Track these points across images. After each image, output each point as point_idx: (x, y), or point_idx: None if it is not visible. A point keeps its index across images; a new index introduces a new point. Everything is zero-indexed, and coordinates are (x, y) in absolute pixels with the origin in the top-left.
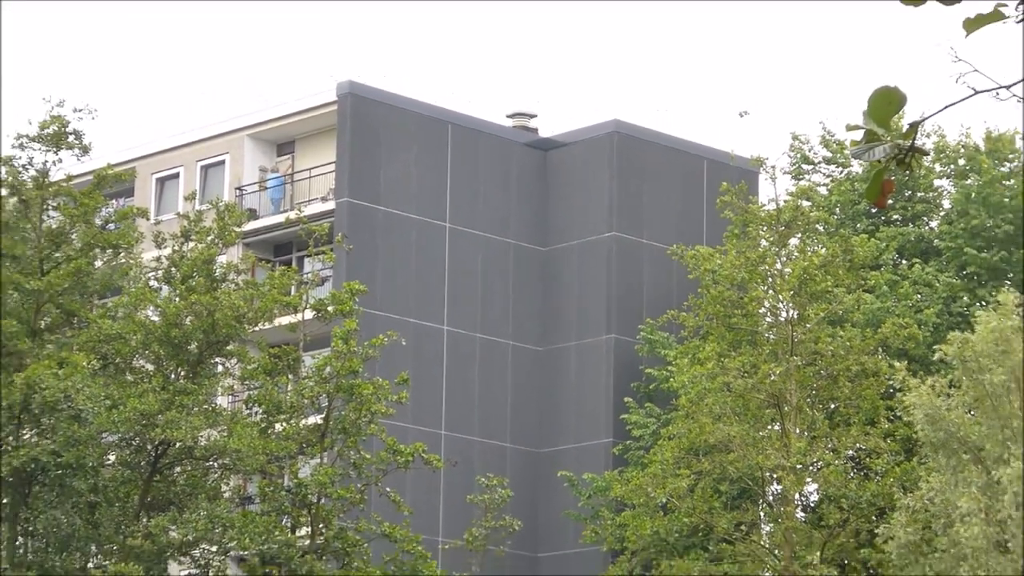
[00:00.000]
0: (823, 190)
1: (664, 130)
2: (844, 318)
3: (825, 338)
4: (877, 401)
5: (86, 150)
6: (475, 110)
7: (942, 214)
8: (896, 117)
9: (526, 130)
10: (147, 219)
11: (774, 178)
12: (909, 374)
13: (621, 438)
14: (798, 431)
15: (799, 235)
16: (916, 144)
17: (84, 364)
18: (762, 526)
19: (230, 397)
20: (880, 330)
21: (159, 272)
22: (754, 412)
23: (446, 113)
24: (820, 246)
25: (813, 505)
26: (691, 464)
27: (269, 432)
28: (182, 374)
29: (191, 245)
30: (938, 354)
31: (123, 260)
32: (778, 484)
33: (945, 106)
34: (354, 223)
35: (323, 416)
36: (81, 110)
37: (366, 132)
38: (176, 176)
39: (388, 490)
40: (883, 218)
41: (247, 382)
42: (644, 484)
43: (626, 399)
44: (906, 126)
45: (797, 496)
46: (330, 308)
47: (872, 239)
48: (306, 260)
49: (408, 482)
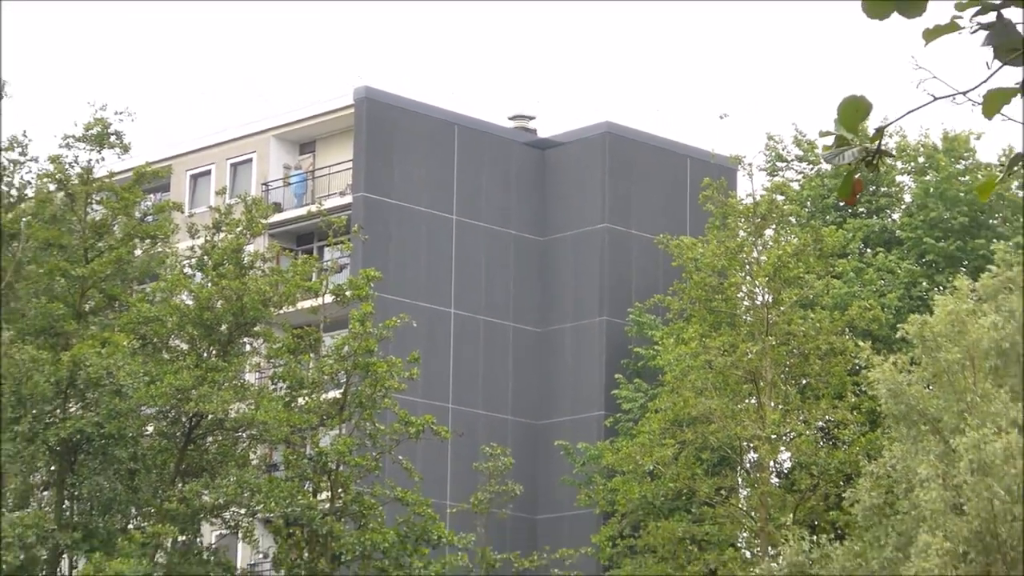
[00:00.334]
0: (795, 185)
1: (652, 131)
2: (815, 302)
3: (797, 320)
4: (844, 377)
5: (126, 149)
6: (479, 113)
7: (903, 207)
8: (863, 123)
9: (525, 131)
10: (182, 212)
11: (751, 175)
12: (873, 352)
13: (612, 411)
14: (772, 404)
15: (774, 226)
16: (882, 147)
17: (125, 344)
18: (740, 491)
19: (257, 374)
20: (847, 312)
21: (193, 260)
22: (733, 387)
23: (452, 115)
24: (793, 236)
25: (786, 472)
26: (675, 434)
27: (292, 405)
28: (213, 353)
29: (222, 235)
30: (900, 334)
31: (160, 249)
32: (754, 452)
33: (907, 112)
34: (369, 216)
35: (342, 391)
36: (121, 113)
37: (380, 133)
38: (208, 173)
39: (400, 458)
40: (850, 211)
41: (272, 360)
42: (633, 453)
43: (616, 375)
44: (872, 131)
45: (772, 463)
46: (348, 293)
47: (840, 230)
48: (326, 249)
49: (419, 451)
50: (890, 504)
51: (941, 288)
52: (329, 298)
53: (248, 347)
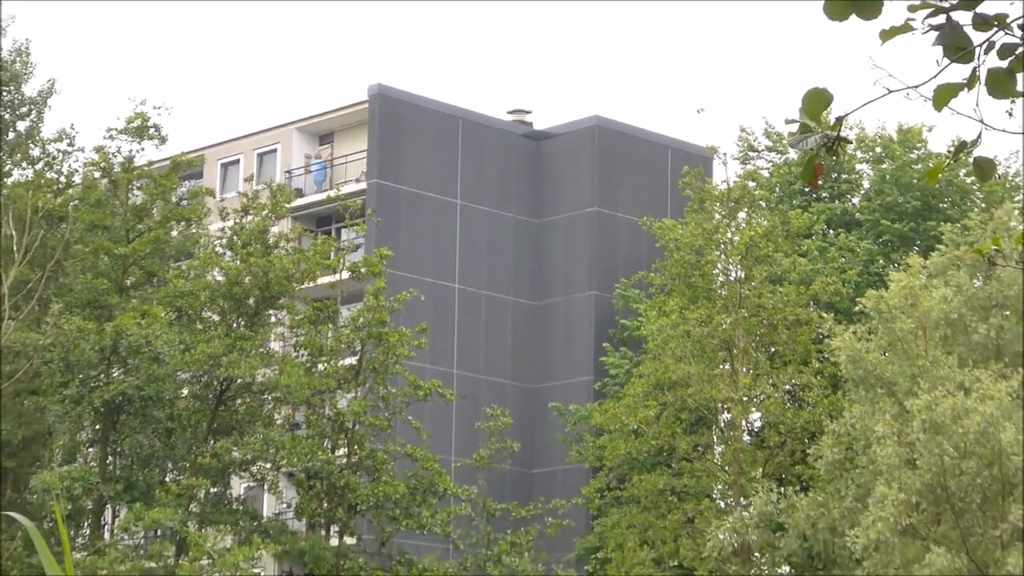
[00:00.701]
0: (765, 173)
1: (636, 124)
2: (782, 277)
3: (767, 294)
4: (809, 345)
5: (164, 140)
6: (480, 107)
7: (862, 192)
8: (825, 113)
9: (522, 124)
10: (213, 197)
11: (725, 163)
12: (835, 323)
13: (600, 376)
14: (744, 370)
15: (746, 210)
16: (841, 135)
17: (162, 315)
18: (715, 447)
19: (281, 342)
20: (811, 287)
21: (223, 240)
22: (709, 354)
23: (456, 110)
24: (763, 219)
25: (756, 430)
26: (657, 397)
27: (313, 371)
28: (242, 323)
29: (249, 218)
30: (859, 307)
31: (194, 231)
32: (728, 413)
33: (864, 103)
34: (382, 200)
35: (357, 358)
36: (159, 108)
37: (392, 126)
38: (237, 162)
39: (410, 418)
40: (814, 196)
41: (295, 330)
42: (619, 413)
43: (604, 344)
44: (833, 120)
45: (743, 423)
46: (362, 270)
47: (805, 213)
48: (343, 230)
49: (426, 412)
50: (850, 459)
51: (896, 265)
52: (346, 274)
53: (273, 318)
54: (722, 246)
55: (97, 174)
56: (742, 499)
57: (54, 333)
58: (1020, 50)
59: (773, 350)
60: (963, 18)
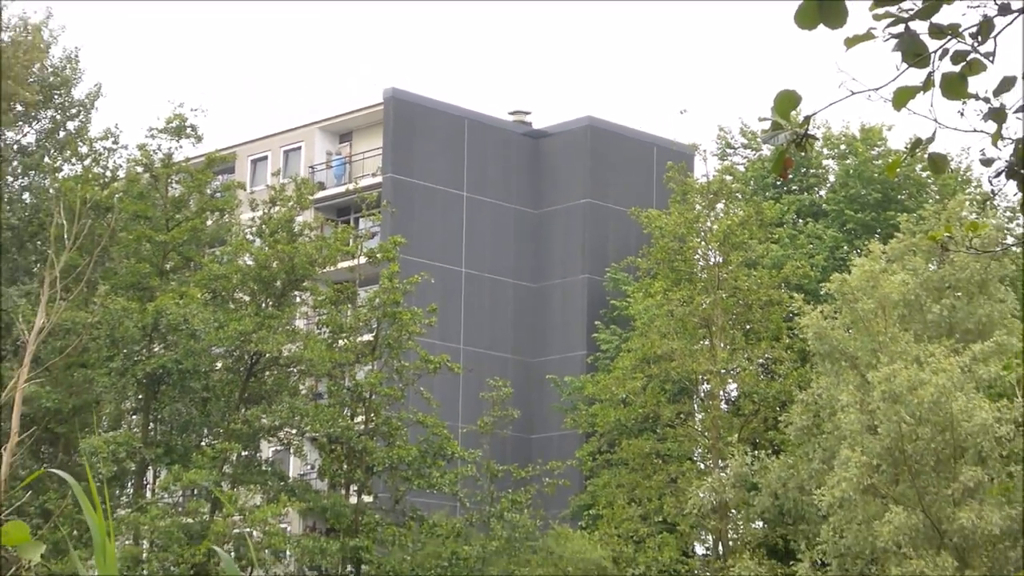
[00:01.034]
0: (741, 168)
1: (625, 123)
2: (756, 262)
3: (742, 277)
4: (780, 323)
5: (199, 139)
6: (484, 109)
7: (828, 185)
8: (794, 112)
9: (522, 124)
10: (244, 190)
11: (705, 159)
12: (804, 303)
13: (592, 351)
14: (722, 345)
15: (724, 201)
16: (809, 132)
17: (198, 296)
18: (695, 415)
19: (305, 320)
20: (783, 271)
21: (253, 228)
22: (690, 331)
23: (463, 111)
24: (739, 209)
25: (733, 399)
26: (644, 369)
27: (334, 346)
28: (270, 303)
29: (276, 209)
30: (825, 288)
31: (226, 220)
32: (707, 384)
33: (830, 104)
34: (396, 193)
35: (373, 335)
36: (196, 109)
37: (404, 126)
38: (265, 158)
39: (421, 389)
40: (785, 188)
41: (317, 309)
42: (609, 384)
43: (596, 322)
44: (802, 119)
45: (721, 393)
46: (378, 255)
47: (777, 204)
48: (360, 220)
49: (436, 383)
50: (817, 426)
51: (858, 251)
52: (363, 259)
53: (298, 299)
54: (702, 234)
55: (140, 169)
56: (720, 461)
57: (101, 312)
58: (971, 56)
59: (748, 327)
60: (920, 27)
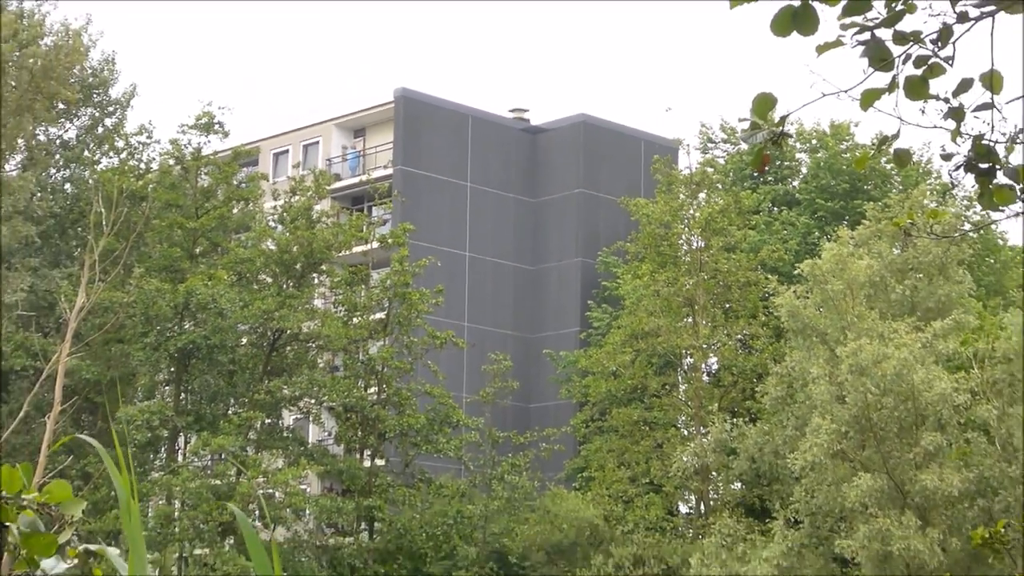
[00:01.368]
0: (721, 161)
1: (616, 120)
2: (735, 247)
3: (722, 260)
4: (757, 302)
5: (226, 134)
6: (486, 107)
7: (801, 176)
8: (770, 112)
9: (521, 120)
10: (267, 181)
11: (688, 153)
12: (778, 284)
13: (585, 327)
14: (704, 322)
15: (705, 191)
16: (784, 130)
17: (225, 278)
18: (679, 386)
19: (323, 300)
20: (759, 254)
21: (275, 216)
22: (674, 310)
23: (466, 108)
24: (719, 198)
25: (714, 372)
26: (632, 345)
27: (349, 323)
28: (290, 284)
29: (296, 198)
30: (798, 271)
31: (251, 208)
32: (690, 358)
33: (803, 105)
34: (405, 183)
35: (385, 313)
36: (223, 108)
37: (413, 122)
38: (286, 152)
39: (429, 362)
40: (761, 179)
41: (334, 290)
42: (600, 358)
43: (589, 301)
44: (777, 118)
45: (703, 366)
46: (389, 240)
47: (754, 193)
48: (373, 208)
49: (442, 357)
50: (790, 396)
51: (828, 236)
52: (375, 244)
53: (316, 280)
54: (686, 221)
55: (172, 162)
56: (702, 428)
57: (136, 292)
58: (932, 60)
59: (727, 306)
60: (885, 34)
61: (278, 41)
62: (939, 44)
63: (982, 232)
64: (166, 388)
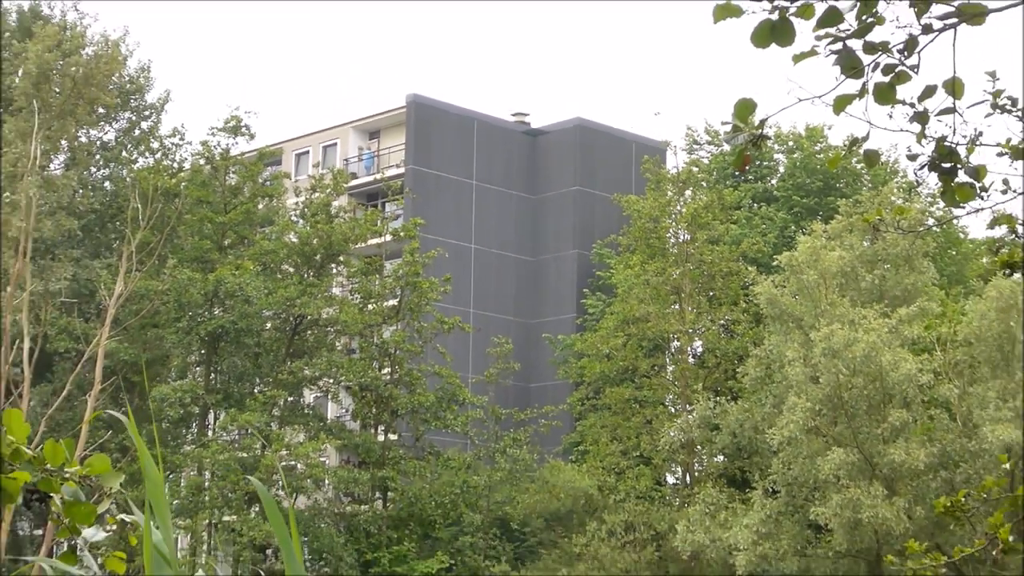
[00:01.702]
0: (706, 160)
1: (609, 123)
2: (719, 240)
3: (707, 252)
4: (738, 290)
5: (252, 136)
6: (490, 111)
7: (779, 175)
8: (751, 116)
9: (522, 123)
10: (289, 179)
11: (676, 153)
12: (758, 274)
13: (581, 314)
14: (690, 309)
15: (691, 189)
16: (763, 133)
17: (251, 268)
18: (667, 367)
19: (340, 288)
20: (740, 247)
21: (297, 211)
22: (663, 297)
23: (472, 113)
24: (704, 195)
25: (699, 354)
26: (624, 329)
27: (364, 310)
28: (311, 274)
29: (316, 195)
30: (776, 262)
31: (275, 204)
32: (677, 341)
33: (780, 109)
34: (416, 181)
35: (397, 300)
36: (249, 112)
37: (424, 125)
38: (307, 152)
39: (437, 346)
40: (742, 178)
41: (351, 279)
42: (595, 342)
43: (584, 290)
44: (757, 122)
45: (689, 349)
46: (401, 234)
47: (736, 191)
48: (387, 204)
49: (450, 341)
50: (768, 376)
51: (804, 230)
52: (389, 237)
53: (334, 270)
54: (673, 216)
55: (202, 162)
56: (687, 406)
57: (170, 281)
58: (899, 68)
59: (711, 294)
60: (856, 45)
61: (300, 52)
62: (905, 54)
63: (944, 227)
64: (197, 369)
